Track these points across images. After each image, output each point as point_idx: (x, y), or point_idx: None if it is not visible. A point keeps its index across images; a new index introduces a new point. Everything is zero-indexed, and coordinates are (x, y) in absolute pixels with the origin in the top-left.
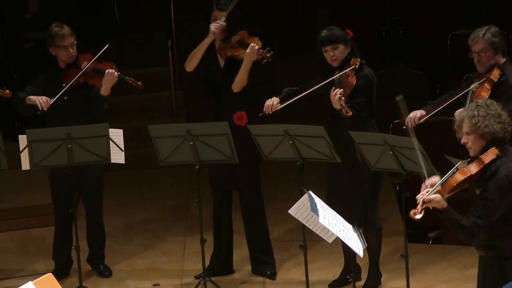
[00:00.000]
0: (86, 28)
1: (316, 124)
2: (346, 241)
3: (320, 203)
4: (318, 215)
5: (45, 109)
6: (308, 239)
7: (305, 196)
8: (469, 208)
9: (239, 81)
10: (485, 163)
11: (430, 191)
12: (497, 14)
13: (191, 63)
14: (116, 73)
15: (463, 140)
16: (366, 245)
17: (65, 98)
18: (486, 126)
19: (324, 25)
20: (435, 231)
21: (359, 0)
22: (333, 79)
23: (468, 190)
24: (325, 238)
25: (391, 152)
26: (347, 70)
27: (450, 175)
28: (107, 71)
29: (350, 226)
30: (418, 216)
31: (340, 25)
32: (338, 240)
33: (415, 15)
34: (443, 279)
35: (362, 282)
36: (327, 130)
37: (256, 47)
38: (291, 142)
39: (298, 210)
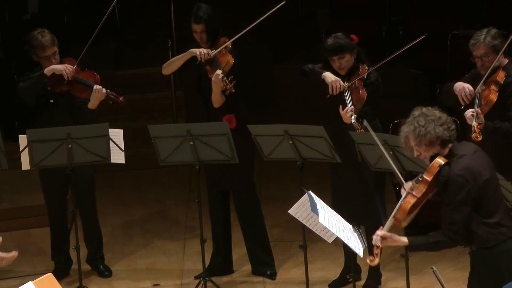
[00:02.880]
0: (86, 28)
1: (316, 124)
2: (346, 241)
3: (320, 203)
4: (318, 215)
5: (70, 78)
6: (308, 239)
7: (305, 196)
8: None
9: (215, 101)
10: (430, 180)
11: (384, 227)
12: (497, 14)
13: (168, 69)
14: (104, 90)
15: (415, 154)
16: (366, 245)
17: (51, 101)
18: (430, 132)
19: (324, 25)
20: (435, 231)
21: (359, 0)
22: (343, 92)
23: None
24: (325, 238)
25: (391, 152)
26: (355, 80)
27: (400, 204)
28: (95, 88)
29: (350, 226)
30: (375, 262)
31: (340, 25)
32: (338, 240)
33: (415, 15)
34: (443, 279)
35: (362, 282)
36: (327, 130)
37: (220, 76)
38: (291, 142)
39: (298, 210)
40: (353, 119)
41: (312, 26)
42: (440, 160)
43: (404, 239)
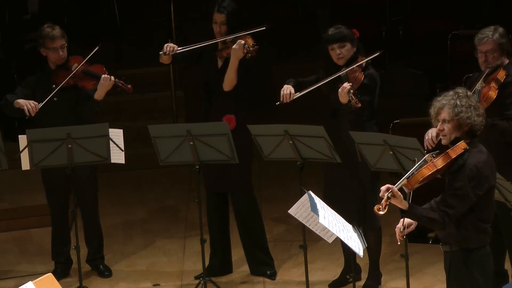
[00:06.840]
0: (86, 28)
1: (316, 124)
2: (346, 241)
3: (320, 203)
4: (318, 215)
5: (32, 114)
6: (308, 239)
7: (305, 196)
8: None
9: (228, 79)
10: (452, 157)
11: (396, 184)
12: (497, 14)
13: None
14: (112, 78)
15: (439, 127)
16: (366, 245)
17: (55, 99)
18: (469, 117)
19: (324, 25)
20: (435, 231)
21: (359, 0)
22: (340, 75)
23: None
24: (325, 238)
25: (391, 152)
26: (354, 66)
27: (416, 168)
28: (103, 76)
29: (350, 226)
30: (382, 212)
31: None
32: (338, 240)
33: (415, 15)
34: (443, 279)
35: (362, 282)
36: (327, 130)
37: (243, 42)
38: (291, 142)
39: (298, 210)
40: (349, 93)
41: (312, 26)
42: (465, 144)
43: (405, 203)
